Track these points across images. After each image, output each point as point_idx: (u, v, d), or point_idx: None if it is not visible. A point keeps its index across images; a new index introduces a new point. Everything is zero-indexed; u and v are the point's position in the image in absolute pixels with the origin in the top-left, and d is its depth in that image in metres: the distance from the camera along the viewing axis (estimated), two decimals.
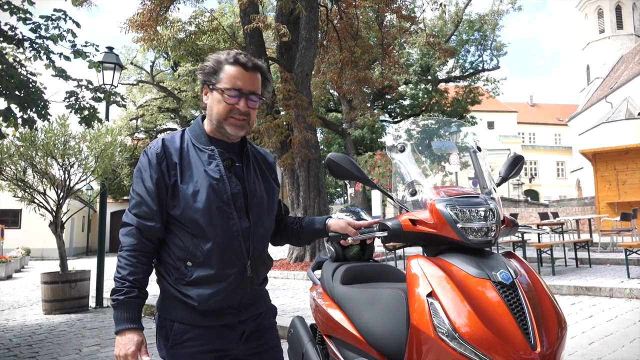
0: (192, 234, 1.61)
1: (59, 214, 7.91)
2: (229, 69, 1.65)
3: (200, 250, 1.59)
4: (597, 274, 7.88)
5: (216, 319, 1.64)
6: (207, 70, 1.67)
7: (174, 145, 1.67)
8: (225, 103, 1.64)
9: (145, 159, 1.65)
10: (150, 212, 1.61)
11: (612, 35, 44.40)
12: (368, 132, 24.44)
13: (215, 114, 1.66)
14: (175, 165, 1.63)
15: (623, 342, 4.17)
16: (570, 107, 56.62)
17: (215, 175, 1.63)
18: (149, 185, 1.61)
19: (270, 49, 15.17)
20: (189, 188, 1.60)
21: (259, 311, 1.77)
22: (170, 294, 1.64)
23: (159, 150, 1.64)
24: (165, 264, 1.66)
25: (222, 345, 1.65)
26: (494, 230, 1.67)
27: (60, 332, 6.25)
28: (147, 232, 1.61)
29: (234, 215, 1.63)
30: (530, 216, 19.55)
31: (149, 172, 1.62)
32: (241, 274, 1.64)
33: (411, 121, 2.25)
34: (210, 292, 1.59)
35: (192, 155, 1.66)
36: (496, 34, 26.95)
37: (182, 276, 1.60)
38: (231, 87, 1.63)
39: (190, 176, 1.62)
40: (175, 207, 1.61)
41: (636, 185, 14.43)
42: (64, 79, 6.46)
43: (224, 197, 1.62)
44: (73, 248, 29.53)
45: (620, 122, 32.29)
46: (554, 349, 1.46)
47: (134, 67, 28.85)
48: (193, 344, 1.61)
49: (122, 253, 1.60)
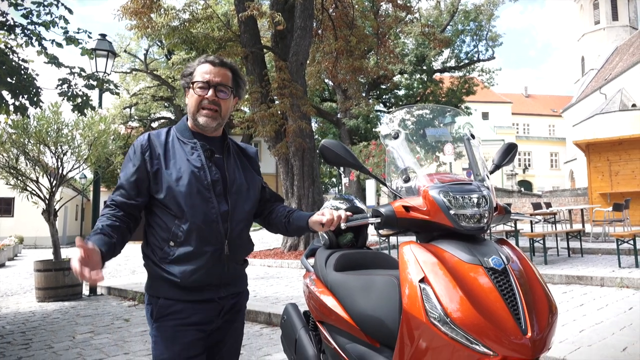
0: (174, 215, 1.77)
1: (52, 202, 7.87)
2: (200, 67, 1.87)
3: (181, 230, 1.76)
4: (589, 263, 7.95)
5: (197, 294, 1.79)
6: (185, 74, 1.91)
7: (159, 139, 1.87)
8: (196, 95, 1.85)
9: (132, 150, 1.85)
10: (127, 193, 1.80)
11: (607, 27, 44.36)
12: (363, 122, 24.42)
13: (190, 107, 1.88)
14: (158, 155, 1.82)
15: (613, 329, 4.21)
16: (565, 99, 56.71)
17: (197, 164, 1.82)
18: (130, 172, 1.81)
19: (265, 37, 15.06)
20: (173, 174, 1.79)
21: (237, 290, 1.95)
22: (155, 273, 1.81)
23: (144, 142, 1.84)
24: (151, 246, 1.83)
25: (202, 319, 1.81)
26: (486, 217, 1.68)
27: (54, 319, 6.25)
28: (121, 205, 1.79)
29: (213, 200, 1.80)
30: (523, 206, 19.66)
31: (132, 161, 1.82)
32: (218, 252, 1.81)
33: (406, 110, 2.24)
34: (191, 269, 1.76)
35: (176, 147, 1.85)
36: (492, 24, 26.89)
37: (166, 255, 1.77)
38: (200, 80, 1.84)
39: (174, 164, 1.81)
40: (159, 191, 1.79)
41: (629, 176, 14.52)
42: (56, 65, 6.41)
43: (204, 183, 1.80)
44: (66, 236, 29.45)
45: (614, 114, 32.37)
46: (544, 334, 1.47)
47: (127, 55, 28.64)
48: (176, 317, 1.77)
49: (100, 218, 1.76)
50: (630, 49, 37.35)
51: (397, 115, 2.14)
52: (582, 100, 41.55)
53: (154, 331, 1.80)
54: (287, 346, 2.73)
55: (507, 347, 1.41)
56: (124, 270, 11.76)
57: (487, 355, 1.42)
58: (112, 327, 5.65)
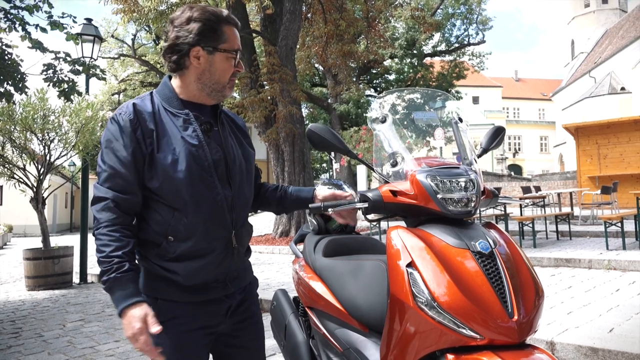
0: (171, 206, 1.48)
1: (40, 190, 7.80)
2: (228, 29, 1.55)
3: (182, 223, 1.48)
4: (577, 246, 8.03)
5: (202, 294, 1.55)
6: (202, 30, 1.50)
7: (146, 110, 1.51)
8: (232, 66, 1.56)
9: (116, 127, 1.47)
10: (126, 184, 1.45)
11: (597, 10, 44.40)
12: (353, 107, 24.33)
13: (218, 77, 1.55)
14: (151, 132, 1.48)
15: (600, 311, 4.27)
16: (555, 82, 56.89)
17: (194, 142, 1.51)
18: (123, 155, 1.45)
19: (254, 21, 14.91)
20: (167, 157, 1.47)
21: (245, 283, 1.71)
22: (151, 272, 1.54)
23: (131, 116, 1.48)
24: (143, 242, 1.53)
25: (208, 321, 1.58)
26: (474, 200, 1.67)
27: (44, 307, 6.23)
28: (125, 205, 1.45)
29: (216, 184, 1.53)
30: (513, 190, 19.78)
31: (121, 141, 1.46)
32: (227, 245, 1.57)
33: (396, 94, 2.22)
34: (197, 266, 1.51)
35: (165, 120, 1.52)
36: (482, 7, 26.80)
37: (165, 252, 1.50)
38: (233, 49, 1.56)
39: (167, 143, 1.48)
40: (152, 178, 1.47)
41: (617, 159, 14.63)
42: (40, 51, 6.30)
43: (205, 164, 1.51)
44: (56, 224, 29.31)
45: (603, 97, 32.56)
46: (530, 317, 1.48)
47: (115, 41, 28.22)
48: (178, 322, 1.52)
49: (101, 230, 1.42)
50: (619, 32, 37.44)
51: (387, 99, 2.12)
52: (571, 83, 41.71)
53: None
54: (276, 332, 2.73)
55: (493, 331, 1.42)
56: None
57: (474, 338, 1.42)
58: (102, 315, 5.64)
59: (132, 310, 1.36)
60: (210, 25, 1.52)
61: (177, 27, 1.53)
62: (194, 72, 1.55)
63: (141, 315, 1.35)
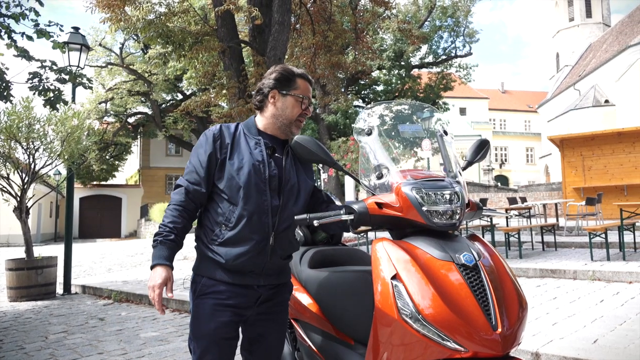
0: (230, 202, 1.91)
1: (24, 199, 7.70)
2: (301, 82, 2.04)
3: (233, 215, 1.89)
4: (562, 257, 8.09)
5: (239, 278, 1.91)
6: (279, 78, 2.02)
7: (229, 131, 2.01)
8: (300, 108, 2.02)
9: (204, 138, 1.99)
10: (198, 178, 1.93)
11: (582, 24, 45.18)
12: (342, 118, 24.41)
13: (289, 115, 2.01)
14: (227, 145, 1.96)
15: (584, 322, 4.30)
16: (540, 94, 57.65)
17: (258, 158, 1.94)
18: (202, 158, 1.94)
19: (242, 32, 14.94)
20: (235, 163, 1.92)
21: (277, 282, 2.04)
22: (204, 254, 1.95)
23: (216, 132, 1.99)
24: (204, 228, 1.97)
25: (240, 303, 1.92)
26: (458, 213, 1.69)
27: (26, 319, 6.12)
28: (193, 193, 1.93)
29: (267, 193, 1.92)
30: (499, 201, 19.92)
31: (204, 148, 1.95)
32: (264, 242, 1.91)
33: (384, 106, 2.23)
34: (236, 252, 1.88)
35: (242, 140, 1.99)
36: (469, 20, 27.11)
37: (216, 237, 1.90)
38: (305, 96, 2.02)
39: (238, 155, 1.94)
40: (220, 178, 1.93)
41: (601, 170, 14.82)
42: (26, 59, 6.26)
43: (262, 176, 1.92)
44: (41, 234, 28.90)
45: (588, 109, 33.03)
46: (514, 329, 1.49)
47: (102, 49, 28.06)
48: (215, 296, 1.90)
49: (169, 207, 1.92)
50: (603, 46, 38.10)
51: (374, 111, 2.13)
52: (556, 96, 42.26)
53: (194, 308, 1.93)
54: None
55: (477, 343, 1.42)
56: (99, 269, 11.58)
57: (458, 351, 1.43)
58: (86, 327, 5.55)
59: (160, 268, 1.82)
60: (286, 75, 2.03)
61: (265, 77, 2.07)
62: (270, 109, 2.04)
63: (165, 275, 1.81)
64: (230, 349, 1.93)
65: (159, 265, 1.83)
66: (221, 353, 1.90)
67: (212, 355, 1.88)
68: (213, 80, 14.48)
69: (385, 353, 1.58)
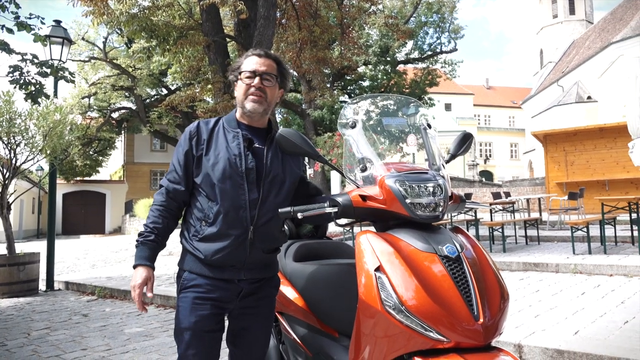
0: (208, 198, 1.93)
1: (5, 195, 7.58)
2: (247, 60, 2.01)
3: (212, 211, 1.91)
4: (545, 250, 8.20)
5: (218, 272, 1.93)
6: (233, 69, 2.04)
7: (207, 126, 2.01)
8: (244, 85, 1.97)
9: (182, 137, 2.01)
10: (177, 177, 1.97)
11: (565, 21, 45.64)
12: (328, 113, 24.38)
13: (238, 96, 2.00)
14: (203, 141, 1.97)
15: (566, 314, 4.36)
16: (524, 90, 58.19)
17: (235, 152, 1.93)
18: (180, 157, 1.97)
19: (228, 26, 14.83)
20: (210, 160, 1.93)
21: (261, 277, 2.03)
22: (186, 249, 1.98)
23: (192, 129, 2.00)
24: (187, 223, 2.01)
25: (221, 296, 1.94)
26: (441, 205, 1.70)
27: (8, 316, 6.04)
28: (174, 192, 1.97)
29: (244, 187, 1.91)
30: (484, 196, 20.10)
31: (182, 146, 1.98)
32: (243, 237, 1.91)
33: (370, 101, 2.22)
34: (215, 248, 1.90)
35: (220, 134, 1.98)
36: (454, 16, 27.23)
37: (197, 233, 1.93)
38: (247, 70, 1.97)
39: (214, 151, 1.94)
40: (198, 174, 1.95)
41: (583, 165, 15.03)
42: (6, 52, 6.16)
43: (239, 170, 1.91)
44: (23, 230, 28.53)
45: (571, 105, 33.47)
46: (496, 320, 1.50)
47: (85, 43, 27.72)
48: (196, 290, 1.93)
49: (152, 207, 1.98)
50: (586, 43, 38.55)
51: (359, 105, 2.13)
52: (540, 92, 42.73)
53: (178, 302, 1.96)
54: None
55: (459, 334, 1.44)
56: (83, 265, 11.47)
57: (441, 341, 1.44)
58: (69, 323, 5.50)
59: (141, 268, 1.89)
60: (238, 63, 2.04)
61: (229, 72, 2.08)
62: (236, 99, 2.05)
63: (145, 275, 1.87)
64: (213, 341, 1.95)
65: (140, 265, 1.89)
66: (204, 346, 1.92)
67: (194, 348, 1.91)
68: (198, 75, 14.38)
69: (368, 345, 1.59)
